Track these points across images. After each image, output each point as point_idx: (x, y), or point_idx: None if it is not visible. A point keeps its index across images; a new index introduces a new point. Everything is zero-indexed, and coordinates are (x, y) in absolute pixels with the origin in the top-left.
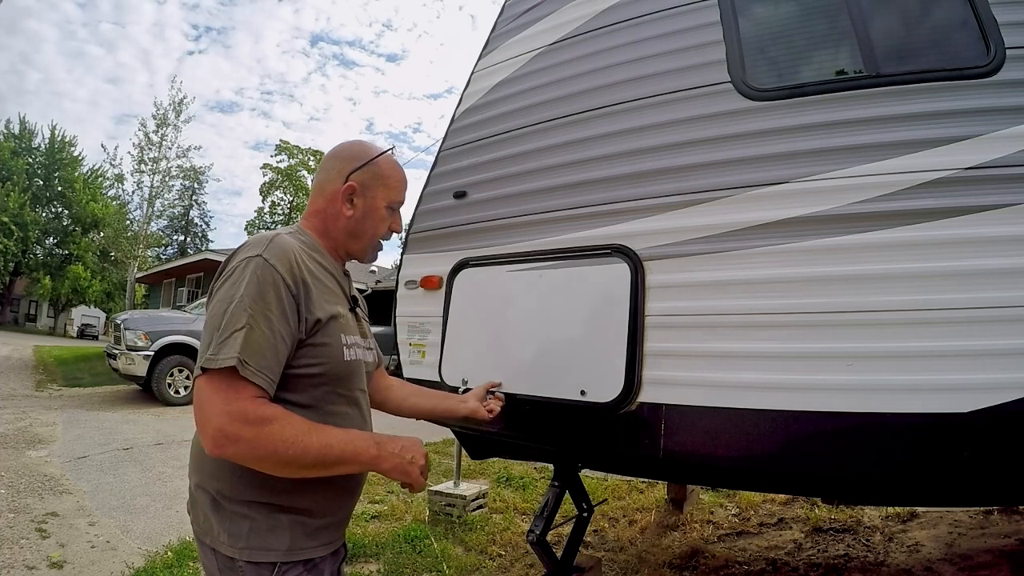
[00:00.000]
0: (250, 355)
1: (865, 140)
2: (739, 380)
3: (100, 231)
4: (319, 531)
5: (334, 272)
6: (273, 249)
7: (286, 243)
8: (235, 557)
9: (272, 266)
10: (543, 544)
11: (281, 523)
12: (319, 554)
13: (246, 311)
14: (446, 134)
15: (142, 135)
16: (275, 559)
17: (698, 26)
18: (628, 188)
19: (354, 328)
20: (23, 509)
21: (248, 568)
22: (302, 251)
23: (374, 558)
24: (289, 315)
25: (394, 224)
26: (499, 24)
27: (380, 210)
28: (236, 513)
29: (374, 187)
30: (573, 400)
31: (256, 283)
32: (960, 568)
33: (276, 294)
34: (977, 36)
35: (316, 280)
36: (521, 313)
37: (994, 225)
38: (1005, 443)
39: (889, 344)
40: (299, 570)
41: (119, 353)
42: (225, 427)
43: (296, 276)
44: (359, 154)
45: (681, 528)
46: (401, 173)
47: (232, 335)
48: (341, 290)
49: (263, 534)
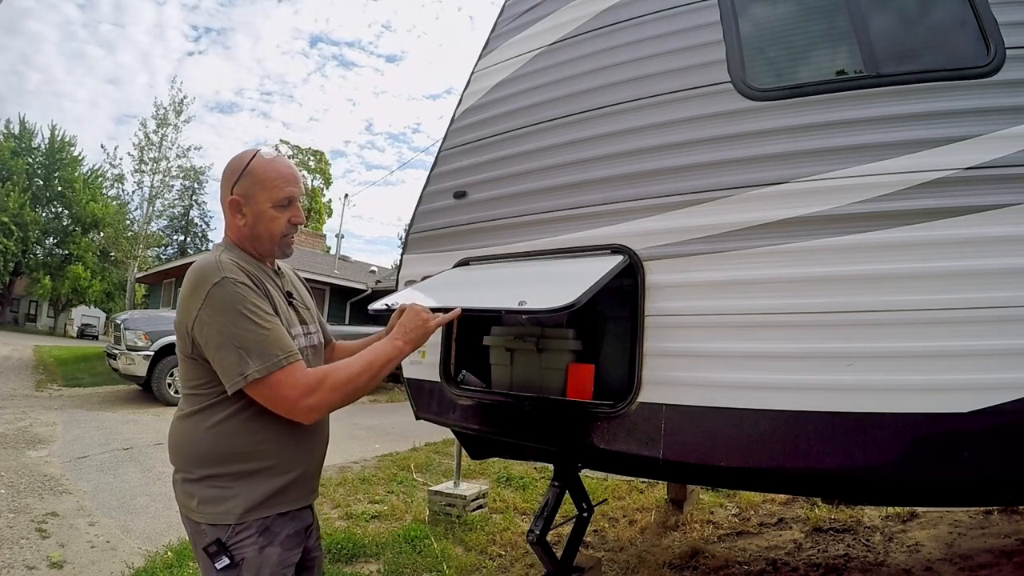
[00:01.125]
0: (280, 349)
1: (865, 140)
2: (739, 380)
3: (100, 231)
4: (274, 496)
5: (264, 275)
6: (224, 267)
7: (226, 262)
8: (199, 521)
9: (233, 280)
10: (543, 544)
11: (235, 490)
12: (272, 513)
13: (247, 320)
14: (446, 134)
15: (142, 135)
16: (230, 521)
17: (698, 26)
18: (628, 188)
19: (293, 320)
20: (23, 509)
21: (209, 530)
22: (238, 266)
23: (374, 558)
24: (267, 306)
25: (293, 217)
26: (499, 24)
27: (267, 211)
28: (198, 482)
29: (254, 193)
30: (574, 400)
31: (235, 296)
32: (960, 568)
33: (256, 296)
34: (977, 36)
35: (256, 285)
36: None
37: (994, 225)
38: (1005, 443)
39: (889, 344)
40: (252, 531)
41: (119, 353)
42: (302, 400)
43: (251, 280)
44: (236, 166)
45: (681, 528)
46: (277, 169)
47: (255, 345)
48: (275, 288)
49: (221, 500)
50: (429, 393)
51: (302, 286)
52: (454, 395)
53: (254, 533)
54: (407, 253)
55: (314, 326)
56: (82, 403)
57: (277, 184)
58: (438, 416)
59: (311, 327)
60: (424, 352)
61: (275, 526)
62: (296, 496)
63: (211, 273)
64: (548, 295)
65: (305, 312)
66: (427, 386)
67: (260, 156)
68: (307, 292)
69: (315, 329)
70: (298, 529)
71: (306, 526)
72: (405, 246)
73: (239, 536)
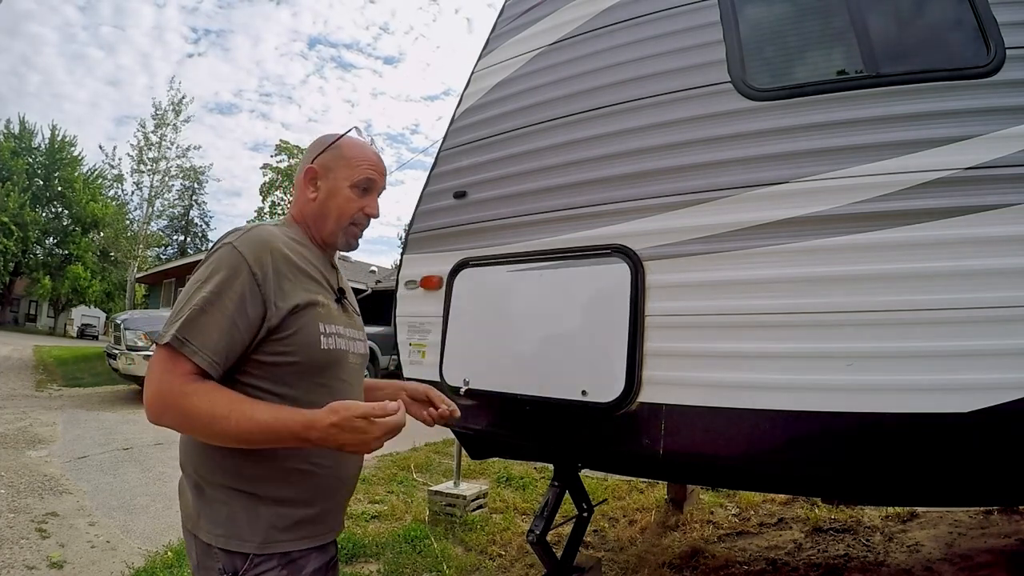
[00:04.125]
0: (193, 335)
1: (865, 140)
2: (739, 380)
3: (100, 231)
4: (299, 525)
5: (317, 262)
6: (246, 238)
7: (263, 233)
8: (211, 544)
9: (240, 253)
10: (543, 544)
11: (258, 513)
12: (298, 547)
13: (203, 293)
14: (446, 134)
15: (141, 136)
16: (249, 550)
17: (698, 26)
18: (628, 188)
19: (339, 318)
20: (23, 509)
21: (222, 556)
22: (284, 241)
23: (374, 558)
24: (249, 301)
25: (368, 207)
26: (499, 24)
27: (343, 190)
28: (215, 499)
29: (336, 167)
30: (574, 400)
31: (220, 268)
32: (960, 568)
33: (238, 280)
34: (977, 36)
35: (294, 268)
36: (521, 313)
37: (994, 225)
38: (1005, 443)
39: (889, 344)
40: (273, 563)
41: (119, 353)
42: (157, 398)
43: (265, 264)
44: (325, 139)
45: (681, 528)
46: (366, 152)
47: (183, 315)
48: (326, 280)
49: (239, 523)
50: None
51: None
52: (454, 395)
53: (276, 566)
54: (407, 253)
55: (363, 334)
56: (82, 403)
57: (361, 165)
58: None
59: (359, 334)
60: (424, 352)
61: (301, 559)
62: (326, 527)
63: (232, 234)
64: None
65: (355, 318)
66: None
67: (352, 135)
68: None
69: (364, 338)
70: (323, 563)
71: (330, 559)
72: (405, 246)
73: (259, 568)
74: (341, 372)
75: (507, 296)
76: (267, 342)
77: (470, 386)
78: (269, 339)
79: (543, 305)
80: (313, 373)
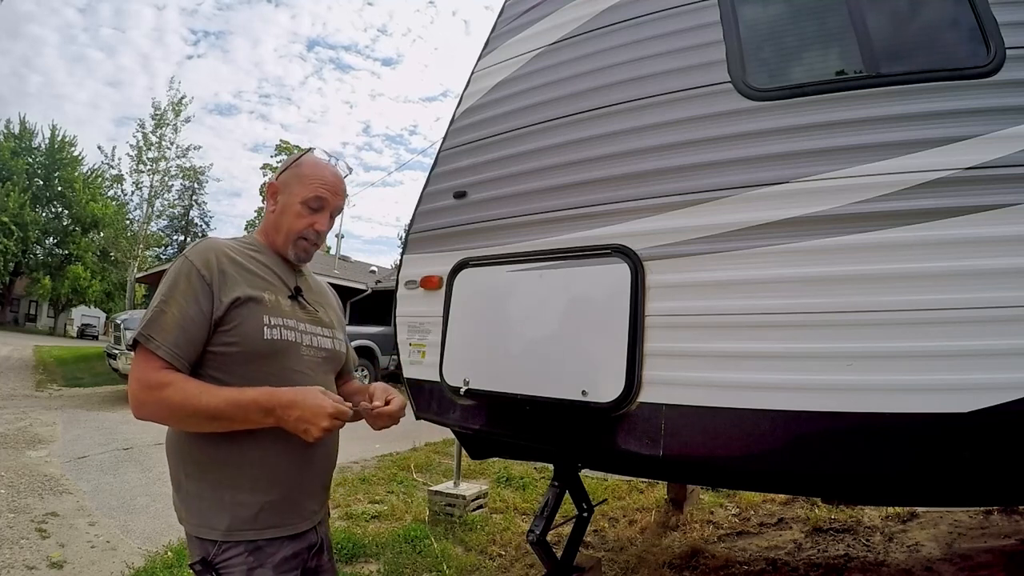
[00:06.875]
0: (157, 332)
1: (865, 140)
2: (739, 380)
3: (100, 231)
4: (261, 514)
5: (272, 265)
6: (195, 247)
7: (210, 242)
8: (190, 533)
9: (190, 260)
10: (543, 544)
11: (223, 502)
12: (263, 536)
13: (162, 296)
14: (446, 134)
15: (140, 136)
16: (216, 537)
17: (698, 26)
18: (628, 188)
19: (290, 312)
20: (23, 509)
21: (197, 543)
22: (231, 247)
23: (374, 558)
24: (201, 298)
25: (318, 223)
26: (499, 24)
27: (295, 206)
28: (190, 491)
29: (292, 184)
30: (574, 400)
31: (175, 275)
32: (960, 568)
33: (188, 282)
34: (977, 36)
35: (239, 268)
36: (521, 313)
37: (994, 225)
38: (1005, 443)
39: (889, 344)
40: (239, 550)
41: (119, 353)
42: (136, 392)
43: (211, 264)
44: (291, 158)
45: (681, 528)
46: (322, 172)
47: (147, 316)
48: (280, 280)
49: (207, 512)
50: (429, 393)
51: (330, 296)
52: (454, 395)
53: (242, 552)
54: (407, 253)
55: (329, 331)
56: (82, 403)
57: (314, 183)
58: (438, 416)
59: (323, 330)
60: (424, 352)
61: (268, 547)
62: (295, 515)
63: (188, 248)
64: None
65: (315, 315)
66: (427, 386)
67: (312, 154)
68: (334, 303)
69: (330, 335)
70: (297, 551)
71: (308, 546)
72: (405, 246)
73: (226, 555)
74: (290, 362)
75: (507, 296)
76: (216, 334)
77: (470, 386)
78: (217, 331)
79: (543, 305)
80: (260, 362)
